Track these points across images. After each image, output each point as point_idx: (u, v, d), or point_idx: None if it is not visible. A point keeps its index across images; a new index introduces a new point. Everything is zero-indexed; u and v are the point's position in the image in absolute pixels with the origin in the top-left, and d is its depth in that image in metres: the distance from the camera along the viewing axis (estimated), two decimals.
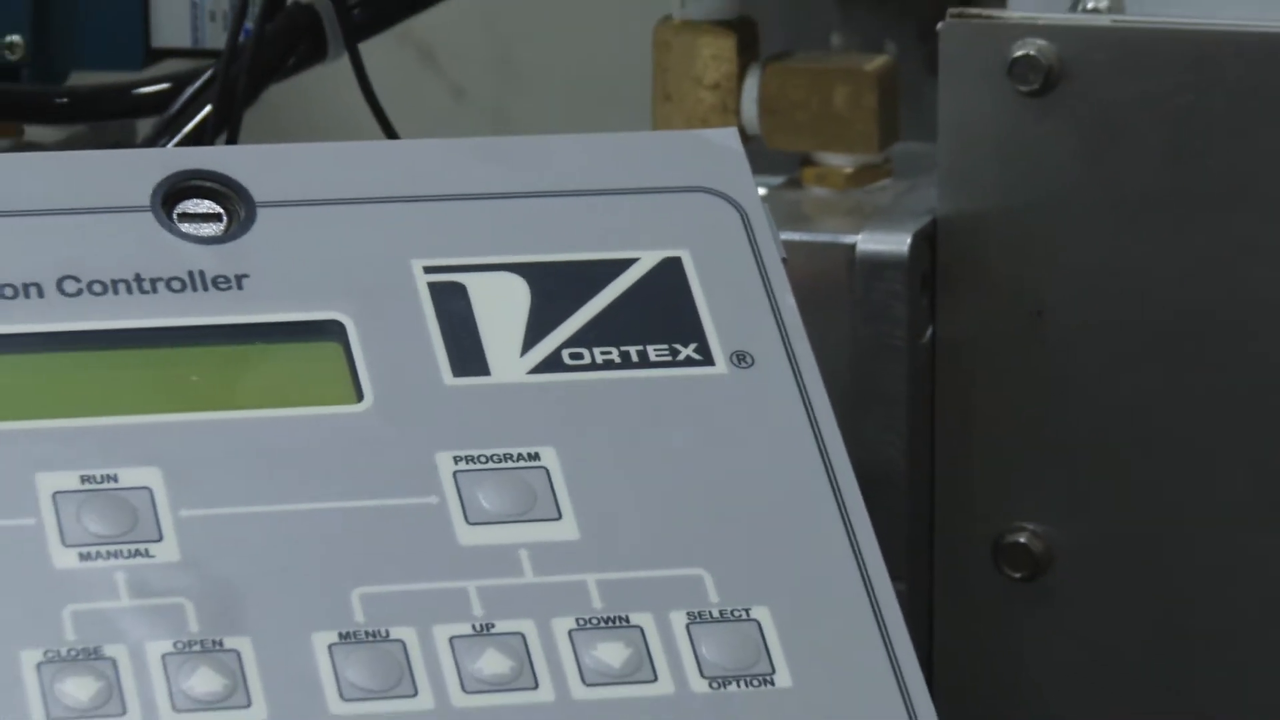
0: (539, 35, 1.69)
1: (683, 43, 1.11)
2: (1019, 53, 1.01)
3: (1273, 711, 1.02)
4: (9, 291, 0.88)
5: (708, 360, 0.92)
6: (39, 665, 0.82)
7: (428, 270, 0.92)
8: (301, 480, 0.87)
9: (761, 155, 1.02)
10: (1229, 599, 1.02)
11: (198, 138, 1.08)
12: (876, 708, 0.86)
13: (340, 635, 0.84)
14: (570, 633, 0.85)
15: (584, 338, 0.92)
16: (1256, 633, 1.02)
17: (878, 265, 1.03)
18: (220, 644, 0.83)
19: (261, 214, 0.91)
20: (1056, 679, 1.04)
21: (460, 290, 0.92)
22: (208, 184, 0.92)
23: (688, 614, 0.86)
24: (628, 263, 0.93)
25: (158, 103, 1.14)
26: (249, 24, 1.08)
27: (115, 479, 0.86)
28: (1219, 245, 1.01)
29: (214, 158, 0.93)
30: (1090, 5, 1.03)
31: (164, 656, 0.83)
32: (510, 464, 0.89)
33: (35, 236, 0.90)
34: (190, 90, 1.11)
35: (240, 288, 0.90)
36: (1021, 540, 1.03)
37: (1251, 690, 1.02)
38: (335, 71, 1.11)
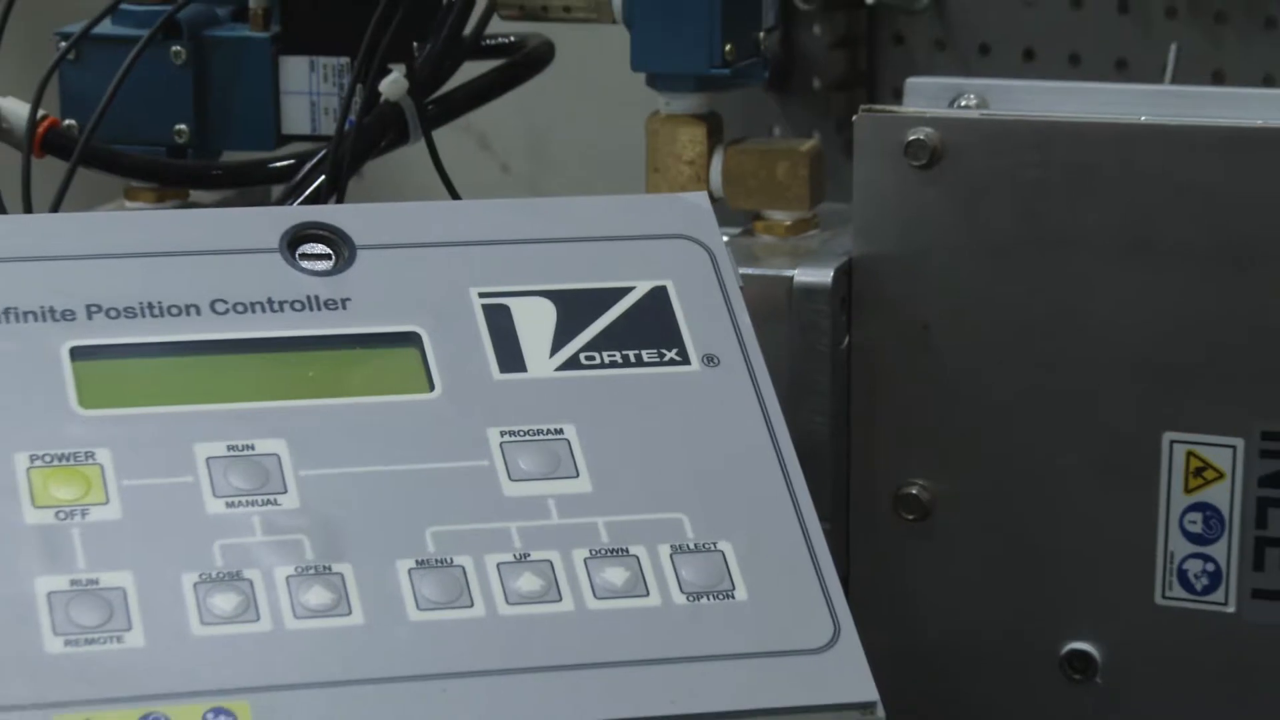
0: (563, 127, 1.68)
1: (667, 130, 1.10)
2: (911, 137, 1.00)
3: (1100, 610, 1.01)
4: (174, 310, 0.87)
5: (685, 361, 0.90)
6: (195, 585, 0.81)
7: (481, 295, 0.90)
8: (388, 448, 0.86)
9: (724, 212, 1.01)
10: (1064, 533, 1.01)
11: (314, 199, 1.07)
12: (808, 614, 0.85)
13: (417, 562, 0.83)
14: (585, 560, 0.84)
15: (596, 344, 0.90)
16: (1084, 555, 1.01)
17: (809, 292, 1.01)
18: (329, 568, 0.82)
19: (361, 254, 0.90)
20: (939, 593, 1.03)
21: (505, 310, 0.90)
22: (321, 232, 0.90)
23: (671, 546, 0.85)
24: (627, 290, 0.92)
25: (286, 174, 1.13)
26: (352, 117, 1.07)
27: (252, 447, 0.85)
28: (1056, 278, 1.00)
29: (326, 213, 0.92)
30: (963, 103, 1.02)
31: (287, 578, 0.82)
32: (541, 437, 0.87)
33: (195, 270, 0.89)
34: (309, 165, 1.10)
35: (344, 308, 0.89)
36: (914, 492, 1.02)
37: (1083, 598, 1.01)
38: (414, 151, 1.10)
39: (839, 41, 1.40)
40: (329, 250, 0.90)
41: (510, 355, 0.89)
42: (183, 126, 1.15)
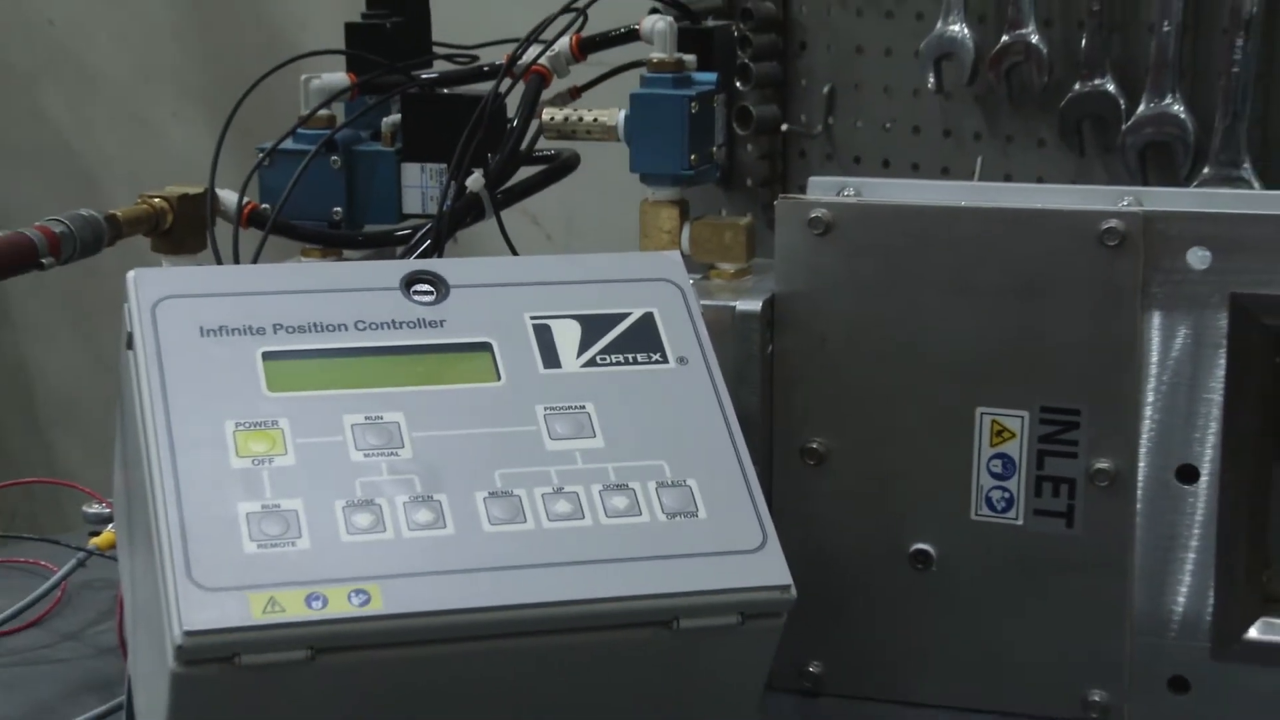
0: (587, 210, 1.66)
1: (653, 211, 1.07)
2: (813, 215, 0.98)
3: (935, 523, 0.98)
4: (330, 327, 0.85)
5: (665, 361, 0.87)
6: (343, 508, 0.79)
7: (532, 318, 0.88)
8: (470, 418, 0.83)
9: (690, 264, 0.99)
10: (912, 473, 0.98)
11: (423, 255, 1.04)
12: (746, 527, 0.83)
13: (489, 493, 0.81)
14: (599, 492, 0.82)
15: (607, 350, 0.87)
16: (925, 487, 0.98)
17: (746, 316, 0.99)
18: (431, 497, 0.80)
19: (453, 291, 0.87)
20: (830, 513, 1.00)
21: (547, 327, 0.87)
22: (427, 277, 0.88)
23: (656, 483, 0.83)
24: (627, 314, 0.89)
25: (405, 239, 1.11)
26: (449, 202, 1.05)
27: (381, 417, 0.82)
28: (907, 307, 0.97)
29: (430, 264, 0.89)
30: (846, 193, 1.00)
31: (404, 503, 0.80)
32: (571, 411, 0.85)
33: (344, 301, 0.86)
34: (420, 233, 1.08)
35: (441, 327, 0.86)
36: (814, 446, 1.00)
37: (924, 515, 0.99)
38: (488, 225, 1.08)
39: (763, 155, 1.40)
40: (432, 288, 0.87)
41: (550, 357, 0.86)
42: (338, 209, 1.13)
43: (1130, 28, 1.28)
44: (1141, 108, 1.27)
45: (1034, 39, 1.30)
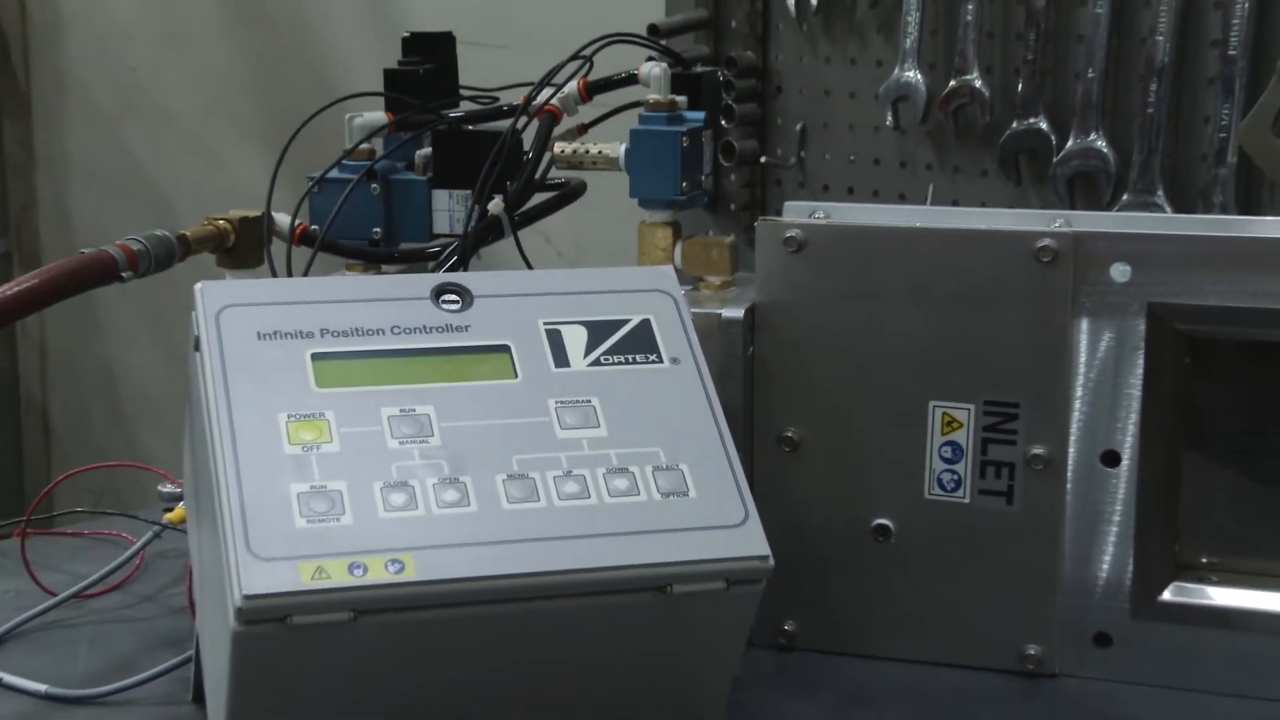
0: (592, 230, 1.65)
1: (649, 231, 1.06)
2: (788, 235, 0.97)
3: (894, 501, 0.97)
4: (370, 331, 0.83)
5: (660, 361, 0.86)
6: (381, 488, 0.78)
7: (545, 323, 0.86)
8: (492, 410, 0.82)
9: (682, 278, 0.98)
10: (876, 458, 0.97)
11: (451, 269, 1.03)
12: (731, 504, 0.81)
13: (507, 475, 0.80)
14: (603, 475, 0.81)
15: (610, 351, 0.86)
16: (886, 470, 0.97)
17: (730, 322, 0.98)
18: (457, 479, 0.79)
19: (477, 301, 0.86)
20: (803, 494, 0.99)
21: (559, 332, 0.86)
22: (454, 288, 0.86)
23: (653, 466, 0.82)
24: (627, 320, 0.87)
25: (435, 255, 1.09)
26: (473, 223, 1.04)
27: (414, 410, 0.81)
28: (869, 314, 0.96)
29: (457, 277, 0.87)
30: (817, 216, 0.99)
31: (433, 485, 0.78)
32: (578, 404, 0.83)
33: (382, 309, 0.85)
34: (448, 250, 1.06)
35: (466, 331, 0.85)
36: (789, 434, 0.99)
37: (885, 494, 0.98)
38: (506, 244, 1.07)
39: (745, 183, 1.39)
40: (458, 298, 0.86)
41: (561, 357, 0.85)
42: (377, 229, 1.11)
43: (1060, 74, 1.29)
44: (1070, 143, 1.28)
45: (977, 84, 1.30)
